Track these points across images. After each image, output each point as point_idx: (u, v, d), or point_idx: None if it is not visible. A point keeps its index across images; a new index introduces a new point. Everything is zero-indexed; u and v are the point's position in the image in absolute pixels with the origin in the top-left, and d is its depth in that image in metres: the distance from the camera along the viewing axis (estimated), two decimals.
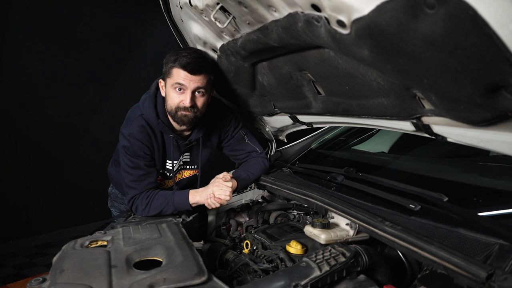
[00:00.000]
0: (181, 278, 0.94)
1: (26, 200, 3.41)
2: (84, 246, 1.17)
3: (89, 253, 1.11)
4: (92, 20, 3.53)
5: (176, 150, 1.61)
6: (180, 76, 1.40)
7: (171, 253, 1.09)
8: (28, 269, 3.01)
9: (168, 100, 1.48)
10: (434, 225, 1.05)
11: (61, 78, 3.44)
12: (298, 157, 2.12)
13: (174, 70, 1.41)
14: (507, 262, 0.82)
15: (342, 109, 1.32)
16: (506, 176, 1.54)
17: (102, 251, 1.11)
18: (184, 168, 1.74)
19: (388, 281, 1.10)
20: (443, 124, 1.03)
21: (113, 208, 1.98)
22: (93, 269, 1.00)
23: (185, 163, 1.72)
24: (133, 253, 1.11)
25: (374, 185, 1.38)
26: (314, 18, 0.91)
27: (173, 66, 1.41)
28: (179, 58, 1.39)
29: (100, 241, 1.21)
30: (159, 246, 1.14)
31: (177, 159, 1.66)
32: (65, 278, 0.97)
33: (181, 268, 1.00)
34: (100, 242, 1.20)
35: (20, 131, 3.31)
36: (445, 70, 0.74)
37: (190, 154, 1.71)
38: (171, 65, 1.41)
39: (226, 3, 1.16)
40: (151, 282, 0.92)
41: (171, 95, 1.45)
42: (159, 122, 1.50)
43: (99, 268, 1.00)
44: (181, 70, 1.40)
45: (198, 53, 1.46)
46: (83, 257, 1.08)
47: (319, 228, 1.22)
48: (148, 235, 1.23)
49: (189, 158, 1.72)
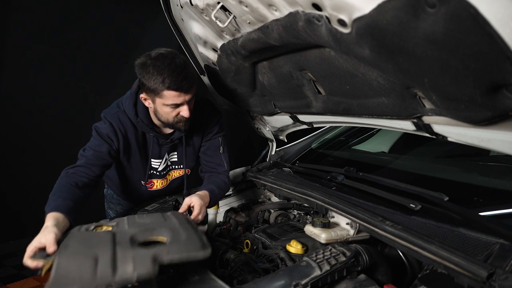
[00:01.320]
0: (185, 251, 0.95)
1: (26, 200, 3.40)
2: (89, 230, 1.18)
3: (94, 234, 1.12)
4: (92, 20, 3.52)
5: (156, 147, 1.59)
6: (174, 97, 1.34)
7: (175, 233, 1.08)
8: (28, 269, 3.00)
9: (162, 114, 1.42)
10: (434, 224, 1.05)
11: (61, 78, 3.44)
12: (298, 157, 2.12)
13: (165, 92, 1.32)
14: (508, 261, 0.82)
15: (342, 109, 1.32)
16: (506, 176, 1.54)
17: (107, 232, 1.12)
18: (173, 168, 1.72)
19: (388, 281, 1.10)
20: (443, 123, 1.03)
21: (110, 210, 1.96)
22: (97, 244, 1.00)
23: (173, 163, 1.70)
24: (138, 233, 1.11)
25: (375, 184, 1.38)
26: (315, 17, 0.91)
27: (163, 88, 1.31)
28: (166, 79, 1.29)
29: (105, 226, 1.21)
30: (163, 228, 1.13)
31: (160, 158, 1.63)
32: (69, 251, 0.98)
33: (185, 243, 1.00)
34: (105, 227, 1.20)
35: (20, 132, 3.31)
36: (446, 69, 0.74)
37: (176, 154, 1.69)
38: (160, 87, 1.31)
39: (226, 2, 1.16)
40: (155, 253, 0.92)
41: (165, 111, 1.40)
42: (138, 121, 1.48)
43: (103, 244, 1.00)
44: (173, 92, 1.32)
45: (181, 65, 1.33)
46: (88, 236, 1.10)
47: (320, 227, 1.22)
48: (153, 220, 1.23)
49: (177, 158, 1.70)
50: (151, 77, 1.31)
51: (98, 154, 1.48)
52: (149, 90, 1.35)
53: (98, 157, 1.48)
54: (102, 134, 1.49)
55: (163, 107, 1.39)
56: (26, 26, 3.16)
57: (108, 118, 1.49)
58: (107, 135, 1.48)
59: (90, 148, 1.49)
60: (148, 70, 1.31)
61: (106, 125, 1.49)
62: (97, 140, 1.50)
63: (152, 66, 1.31)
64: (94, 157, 1.47)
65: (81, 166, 1.45)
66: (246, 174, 1.92)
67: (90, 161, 1.46)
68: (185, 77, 1.32)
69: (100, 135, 1.49)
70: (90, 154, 1.47)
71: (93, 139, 1.51)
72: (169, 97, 1.34)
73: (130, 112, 1.48)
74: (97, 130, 1.51)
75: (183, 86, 1.33)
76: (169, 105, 1.37)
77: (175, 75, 1.30)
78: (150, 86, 1.33)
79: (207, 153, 1.70)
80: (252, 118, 2.00)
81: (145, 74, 1.32)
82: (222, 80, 1.70)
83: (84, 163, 1.46)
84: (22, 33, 3.16)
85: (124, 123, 1.50)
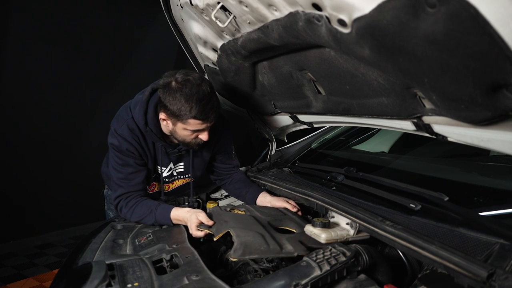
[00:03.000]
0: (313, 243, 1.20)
1: (26, 200, 3.41)
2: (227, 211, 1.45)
3: (238, 215, 1.39)
4: (92, 20, 3.52)
5: (164, 156, 1.58)
6: (198, 124, 1.36)
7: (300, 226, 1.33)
8: (28, 269, 3.01)
9: (180, 135, 1.43)
10: (434, 224, 1.05)
11: (61, 78, 3.44)
12: (298, 157, 2.12)
13: (190, 120, 1.33)
14: (508, 261, 0.82)
15: (342, 109, 1.32)
16: (506, 176, 1.54)
17: (249, 216, 1.38)
18: (179, 178, 1.71)
19: (388, 281, 1.10)
20: (443, 123, 1.03)
21: (110, 211, 1.94)
22: (250, 224, 1.27)
23: (179, 174, 1.69)
24: (272, 221, 1.37)
25: (375, 184, 1.38)
26: (315, 17, 0.91)
27: (189, 117, 1.31)
28: (194, 108, 1.29)
29: (237, 210, 1.48)
30: (288, 221, 1.40)
31: (166, 166, 1.63)
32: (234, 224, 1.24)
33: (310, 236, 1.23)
34: (237, 211, 1.47)
35: (20, 131, 3.31)
36: (446, 69, 0.74)
37: (183, 164, 1.68)
38: (186, 115, 1.31)
39: (226, 2, 1.16)
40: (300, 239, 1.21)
41: (185, 134, 1.41)
42: (148, 130, 1.46)
43: (255, 224, 1.28)
44: (199, 121, 1.34)
45: (208, 94, 1.33)
46: (235, 216, 1.36)
47: (320, 227, 1.22)
48: (275, 212, 1.50)
49: (183, 169, 1.69)
50: (177, 103, 1.30)
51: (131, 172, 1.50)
52: (172, 114, 1.33)
53: (133, 173, 1.50)
54: (122, 151, 1.48)
55: (183, 131, 1.40)
56: (26, 26, 3.16)
57: (119, 132, 1.47)
58: (126, 150, 1.47)
59: (118, 171, 1.50)
60: (175, 95, 1.29)
61: (122, 140, 1.47)
62: (120, 158, 1.49)
63: (179, 92, 1.29)
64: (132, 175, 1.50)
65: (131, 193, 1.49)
66: (246, 174, 1.92)
67: (131, 182, 1.50)
68: (212, 107, 1.34)
69: (120, 152, 1.48)
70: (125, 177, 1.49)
71: (116, 158, 1.49)
72: (193, 124, 1.35)
73: (139, 120, 1.45)
74: (116, 148, 1.48)
75: (210, 116, 1.35)
76: (190, 130, 1.38)
77: (202, 104, 1.30)
78: (175, 111, 1.32)
79: (222, 160, 1.78)
80: (252, 118, 2.00)
81: (170, 99, 1.31)
82: (222, 80, 1.70)
83: (130, 187, 1.50)
84: (22, 33, 3.16)
85: (134, 131, 1.48)
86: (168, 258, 1.16)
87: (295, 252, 1.12)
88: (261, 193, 1.68)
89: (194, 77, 1.33)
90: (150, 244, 1.29)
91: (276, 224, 1.35)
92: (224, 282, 0.98)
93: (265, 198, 1.65)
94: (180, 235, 1.33)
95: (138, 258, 1.17)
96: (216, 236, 1.22)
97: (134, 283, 1.01)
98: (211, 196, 1.91)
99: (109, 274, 1.04)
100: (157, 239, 1.31)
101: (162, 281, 1.01)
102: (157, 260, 1.16)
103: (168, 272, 1.08)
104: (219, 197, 1.92)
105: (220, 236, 1.22)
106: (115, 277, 1.04)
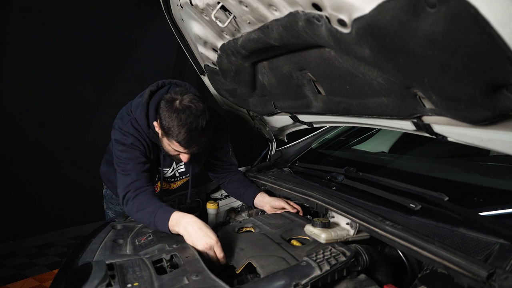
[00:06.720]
0: None
1: (26, 200, 3.41)
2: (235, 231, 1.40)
3: (250, 235, 1.34)
4: (92, 20, 3.53)
5: (166, 157, 1.59)
6: (181, 148, 1.38)
7: None
8: (28, 269, 3.01)
9: (164, 146, 1.46)
10: (434, 224, 1.05)
11: (61, 78, 3.44)
12: (298, 157, 2.13)
13: (174, 142, 1.35)
14: (508, 261, 0.82)
15: (342, 109, 1.32)
16: (506, 176, 1.53)
17: (259, 234, 1.34)
18: (181, 178, 1.74)
19: (388, 281, 1.10)
20: (443, 123, 1.03)
21: (109, 210, 1.96)
22: (266, 245, 1.23)
23: (181, 174, 1.72)
24: (283, 233, 1.33)
25: (375, 184, 1.39)
26: (314, 17, 0.91)
27: (174, 139, 1.34)
28: (180, 135, 1.32)
29: (245, 228, 1.44)
30: (298, 228, 1.37)
31: (168, 167, 1.65)
32: (252, 252, 1.18)
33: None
34: (245, 228, 1.44)
35: (20, 131, 3.31)
36: (446, 69, 0.74)
37: (184, 164, 1.69)
38: (172, 136, 1.34)
39: (226, 2, 1.16)
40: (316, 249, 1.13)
41: (168, 148, 1.44)
42: (150, 131, 1.47)
43: (272, 245, 1.23)
44: (182, 147, 1.37)
45: (201, 129, 1.33)
46: (248, 239, 1.30)
47: (320, 227, 1.22)
48: (282, 220, 1.45)
49: (184, 168, 1.71)
50: (170, 122, 1.32)
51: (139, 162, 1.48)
52: (162, 127, 1.37)
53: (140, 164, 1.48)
54: (127, 145, 1.48)
55: (167, 145, 1.43)
56: (26, 26, 3.16)
57: (124, 129, 1.48)
58: (132, 144, 1.47)
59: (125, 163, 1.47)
60: (171, 115, 1.32)
61: (128, 135, 1.47)
62: (126, 151, 1.48)
63: (176, 114, 1.32)
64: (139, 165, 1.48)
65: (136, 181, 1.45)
66: (246, 174, 1.92)
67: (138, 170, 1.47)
68: (198, 142, 1.36)
69: (126, 145, 1.48)
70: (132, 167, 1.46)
71: (121, 152, 1.48)
72: (176, 146, 1.37)
73: (142, 122, 1.46)
74: (121, 142, 1.48)
75: (192, 148, 1.38)
76: (173, 148, 1.41)
77: (190, 136, 1.33)
78: (164, 127, 1.35)
79: (219, 158, 1.79)
80: (252, 118, 2.00)
81: (166, 115, 1.33)
82: (222, 80, 1.70)
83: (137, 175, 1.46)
84: (22, 33, 3.16)
85: (138, 129, 1.49)
86: (168, 258, 1.16)
87: (322, 269, 1.00)
88: (259, 193, 1.68)
89: (197, 108, 1.33)
90: (150, 244, 1.29)
91: (289, 236, 1.33)
92: (224, 282, 0.98)
93: (263, 198, 1.65)
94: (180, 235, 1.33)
95: (138, 258, 1.17)
96: (238, 269, 1.17)
97: (134, 283, 1.01)
98: (211, 196, 1.92)
99: (109, 274, 1.04)
100: (157, 239, 1.31)
101: (162, 281, 1.01)
102: (157, 260, 1.16)
103: (168, 272, 1.08)
104: (219, 197, 1.92)
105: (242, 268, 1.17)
106: (115, 277, 1.04)
